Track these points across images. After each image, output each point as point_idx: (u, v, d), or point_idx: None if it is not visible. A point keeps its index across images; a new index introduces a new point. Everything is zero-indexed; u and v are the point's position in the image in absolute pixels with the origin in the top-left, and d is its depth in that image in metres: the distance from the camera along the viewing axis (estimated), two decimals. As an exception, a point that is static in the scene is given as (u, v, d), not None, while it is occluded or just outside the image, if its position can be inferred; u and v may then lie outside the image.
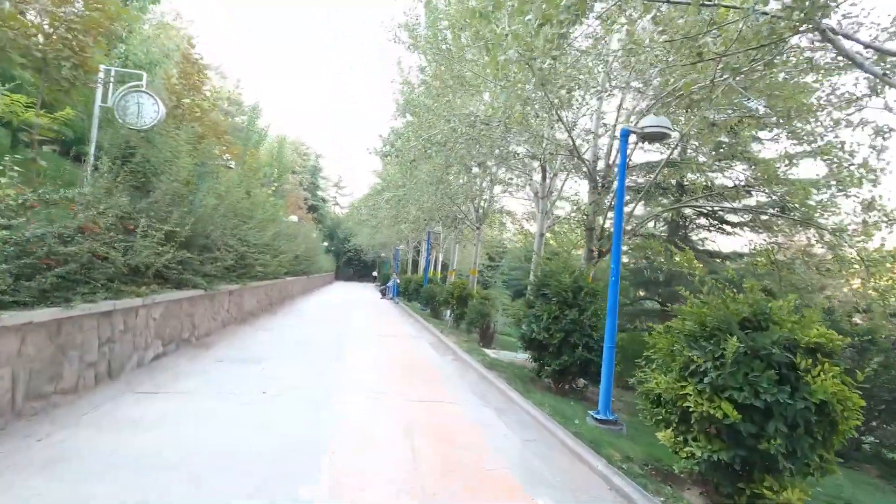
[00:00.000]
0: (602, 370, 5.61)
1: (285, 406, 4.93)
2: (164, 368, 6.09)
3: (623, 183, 5.68)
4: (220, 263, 8.57)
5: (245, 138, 25.97)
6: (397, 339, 10.96)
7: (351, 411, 4.99)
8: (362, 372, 6.99)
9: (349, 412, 4.95)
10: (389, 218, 16.91)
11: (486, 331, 11.93)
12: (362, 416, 4.88)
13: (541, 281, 7.38)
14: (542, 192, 10.63)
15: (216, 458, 3.52)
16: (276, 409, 4.82)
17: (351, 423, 4.65)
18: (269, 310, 14.13)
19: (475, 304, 11.99)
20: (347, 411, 4.98)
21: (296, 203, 35.83)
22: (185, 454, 3.52)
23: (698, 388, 3.68)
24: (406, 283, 26.78)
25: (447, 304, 15.35)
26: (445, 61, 9.58)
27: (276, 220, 17.19)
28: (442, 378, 7.17)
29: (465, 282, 15.65)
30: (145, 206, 6.27)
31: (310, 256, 24.30)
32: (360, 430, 4.45)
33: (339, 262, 57.54)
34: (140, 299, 5.78)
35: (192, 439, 3.83)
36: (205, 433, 3.99)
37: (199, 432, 4.00)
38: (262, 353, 7.61)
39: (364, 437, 4.31)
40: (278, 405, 4.94)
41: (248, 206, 11.51)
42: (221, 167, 11.70)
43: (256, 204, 12.06)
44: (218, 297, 9.29)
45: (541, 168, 10.41)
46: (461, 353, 9.30)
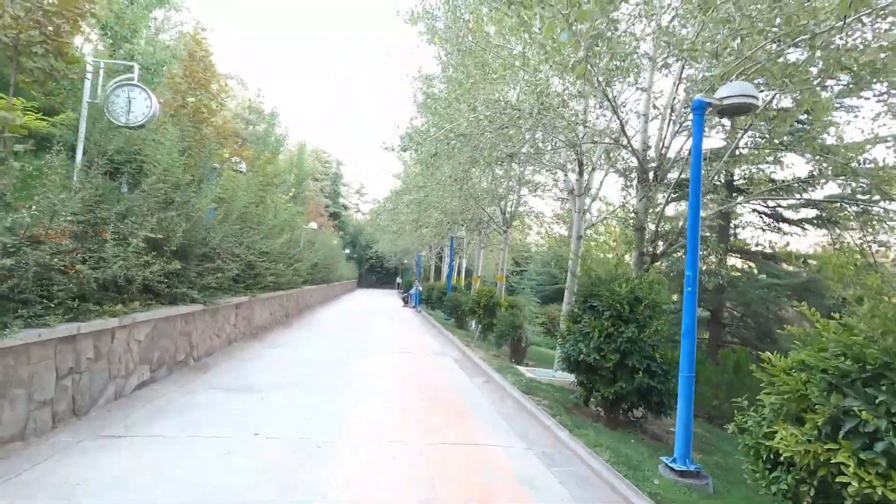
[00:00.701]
0: (678, 406, 4.41)
1: (276, 458, 3.91)
2: (147, 400, 5.18)
3: (699, 166, 4.49)
4: (223, 274, 7.71)
5: (263, 144, 25.56)
6: (419, 356, 9.90)
7: (359, 464, 3.94)
8: (377, 403, 5.94)
9: (356, 466, 3.90)
10: (410, 222, 15.95)
11: (518, 344, 10.76)
12: (373, 472, 3.81)
13: (588, 290, 6.20)
14: (579, 188, 9.44)
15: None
16: (263, 462, 3.80)
17: (357, 484, 3.59)
18: (283, 322, 13.30)
19: (505, 315, 10.85)
20: (355, 464, 3.93)
21: (316, 210, 35.39)
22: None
23: (861, 458, 2.48)
24: (429, 290, 25.79)
25: (473, 313, 14.24)
26: (468, 50, 8.56)
27: (294, 227, 16.49)
28: (473, 409, 6.06)
29: (491, 289, 14.52)
30: (123, 209, 5.40)
31: (329, 264, 23.58)
32: (369, 497, 3.40)
33: (361, 270, 57.16)
34: (116, 319, 4.89)
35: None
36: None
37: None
38: (264, 378, 6.67)
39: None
40: (268, 455, 3.93)
41: (257, 213, 10.70)
42: (230, 171, 10.95)
43: (268, 209, 11.24)
44: (222, 312, 8.43)
45: (577, 162, 9.23)
46: (493, 373, 8.17)
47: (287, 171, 27.01)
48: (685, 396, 4.36)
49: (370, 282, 60.09)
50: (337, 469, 3.77)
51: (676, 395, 5.65)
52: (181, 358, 6.76)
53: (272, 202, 12.69)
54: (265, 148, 25.89)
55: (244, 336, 9.82)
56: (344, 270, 35.36)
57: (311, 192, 36.11)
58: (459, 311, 16.76)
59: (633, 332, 5.55)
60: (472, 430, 5.16)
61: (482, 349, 11.61)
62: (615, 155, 8.92)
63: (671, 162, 7.42)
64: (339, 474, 3.67)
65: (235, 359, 7.85)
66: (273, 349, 9.06)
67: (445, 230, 17.32)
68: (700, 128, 4.54)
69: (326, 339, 10.97)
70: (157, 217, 5.80)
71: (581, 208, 9.50)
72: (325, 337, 11.36)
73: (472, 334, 14.76)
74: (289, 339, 10.43)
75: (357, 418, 5.17)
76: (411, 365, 8.68)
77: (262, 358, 8.11)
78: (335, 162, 63.64)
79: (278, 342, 9.95)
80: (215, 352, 8.10)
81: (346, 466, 3.83)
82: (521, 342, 10.75)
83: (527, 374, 8.41)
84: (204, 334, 7.61)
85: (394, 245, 34.51)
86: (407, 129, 7.22)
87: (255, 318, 10.64)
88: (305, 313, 16.86)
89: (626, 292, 5.72)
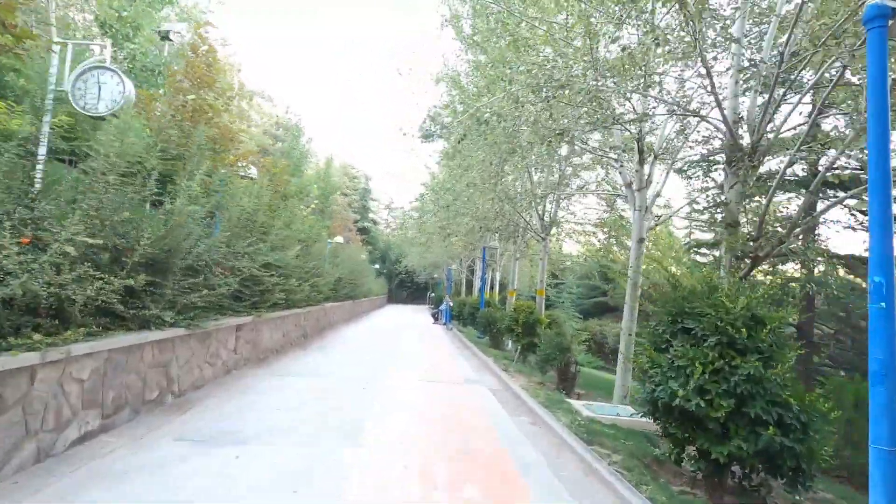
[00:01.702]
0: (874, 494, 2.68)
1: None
2: (82, 461, 3.85)
3: (885, 97, 2.84)
4: (212, 291, 6.44)
5: (288, 156, 24.94)
6: (450, 385, 8.32)
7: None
8: (393, 461, 4.42)
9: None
10: (437, 230, 14.49)
11: (566, 370, 9.01)
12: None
13: (678, 307, 4.51)
14: (639, 181, 7.75)
15: None
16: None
17: None
18: (299, 344, 12.03)
19: (550, 335, 9.15)
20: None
21: (344, 224, 34.64)
22: None
23: None
24: (460, 305, 24.22)
25: (510, 332, 12.58)
26: (500, 24, 7.15)
27: (316, 240, 15.40)
28: (522, 470, 4.44)
29: (530, 304, 12.84)
30: (54, 208, 4.14)
31: (355, 279, 22.44)
32: None
33: (391, 286, 56.27)
34: (36, 354, 3.61)
35: None
36: None
37: None
38: (251, 421, 5.27)
39: None
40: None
41: (265, 221, 9.52)
42: (237, 176, 9.86)
43: (278, 216, 10.05)
44: (216, 336, 7.17)
45: (636, 149, 7.57)
46: (540, 410, 6.51)
47: (312, 183, 26.26)
48: (884, 485, 2.63)
49: (400, 297, 59.12)
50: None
51: (819, 458, 3.93)
52: (153, 396, 5.45)
53: (288, 211, 11.55)
54: (290, 161, 25.27)
55: (248, 362, 8.54)
56: (372, 286, 34.29)
57: (338, 206, 35.42)
58: (494, 328, 15.11)
59: (756, 367, 3.82)
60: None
61: (523, 374, 9.94)
62: (691, 132, 7.22)
63: (772, 137, 5.66)
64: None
65: (229, 392, 6.52)
66: (278, 379, 7.71)
67: (476, 239, 15.78)
68: (881, 46, 2.88)
69: (343, 365, 9.56)
70: (110, 219, 4.56)
71: (642, 205, 7.80)
72: (342, 361, 9.97)
73: (510, 356, 13.07)
74: (300, 365, 9.08)
75: (361, 491, 3.66)
76: (440, 399, 7.12)
77: (261, 392, 6.75)
78: (364, 177, 63.50)
79: (288, 369, 8.60)
80: (207, 384, 6.80)
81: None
82: (570, 368, 9.00)
83: (583, 410, 6.70)
84: (189, 364, 6.33)
85: (422, 258, 33.27)
86: (429, 112, 5.88)
87: (262, 341, 9.37)
88: (327, 332, 15.61)
89: (740, 310, 4.01)
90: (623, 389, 7.95)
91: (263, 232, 9.44)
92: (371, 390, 7.30)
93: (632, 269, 7.92)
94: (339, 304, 18.60)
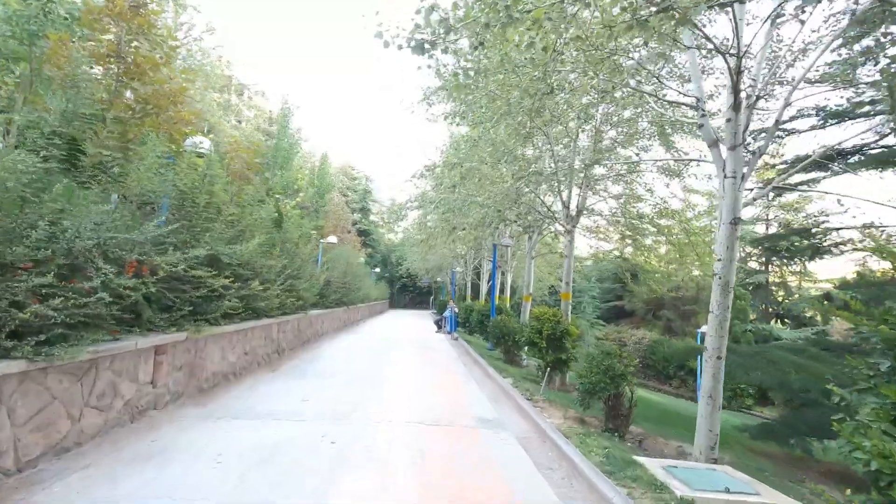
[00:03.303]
0: None
1: None
2: None
3: None
4: (80, 300, 4.07)
5: (275, 147, 22.68)
6: (459, 432, 5.83)
7: None
8: None
9: None
10: (442, 223, 12.04)
11: (618, 403, 6.57)
12: None
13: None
14: (733, 135, 5.34)
15: None
16: None
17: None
18: (269, 363, 9.64)
19: (596, 357, 6.70)
20: None
21: (340, 225, 32.25)
22: None
23: None
24: (466, 311, 21.79)
25: (532, 345, 10.15)
26: None
27: (299, 237, 13.04)
28: None
29: (556, 312, 10.41)
30: None
31: (349, 283, 20.05)
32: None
33: (392, 290, 54.07)
34: None
35: None
36: None
37: None
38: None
39: None
40: None
41: (210, 202, 7.16)
42: (173, 145, 7.53)
43: (224, 198, 7.69)
44: (112, 366, 4.79)
45: (730, 86, 5.17)
46: (605, 486, 4.08)
47: (300, 178, 23.90)
48: None
49: (402, 302, 56.93)
50: None
51: None
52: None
53: (252, 197, 9.18)
54: (277, 153, 23.00)
55: (179, 398, 6.15)
56: (372, 291, 31.89)
57: (334, 205, 33.03)
58: (509, 340, 12.68)
59: None
60: None
61: (555, 406, 7.53)
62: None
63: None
64: None
65: (113, 460, 4.13)
66: (210, 429, 5.31)
67: (487, 234, 13.35)
68: None
69: (316, 395, 7.16)
70: None
71: (737, 169, 5.38)
72: (315, 389, 7.56)
73: (532, 375, 10.64)
74: (255, 399, 6.68)
75: None
76: (444, 467, 4.69)
77: (170, 458, 4.34)
78: (364, 178, 61.25)
79: (234, 408, 6.20)
80: (86, 442, 4.41)
81: None
82: (624, 401, 6.57)
83: (671, 483, 4.25)
84: (41, 417, 3.94)
85: (424, 261, 30.93)
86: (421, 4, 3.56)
87: (206, 365, 6.98)
88: (311, 345, 13.20)
89: None
90: (710, 438, 5.51)
91: (209, 218, 7.09)
92: (344, 444, 4.89)
93: (721, 262, 5.49)
94: (327, 311, 16.20)
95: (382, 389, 7.80)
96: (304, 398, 6.85)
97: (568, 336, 9.95)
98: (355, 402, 6.81)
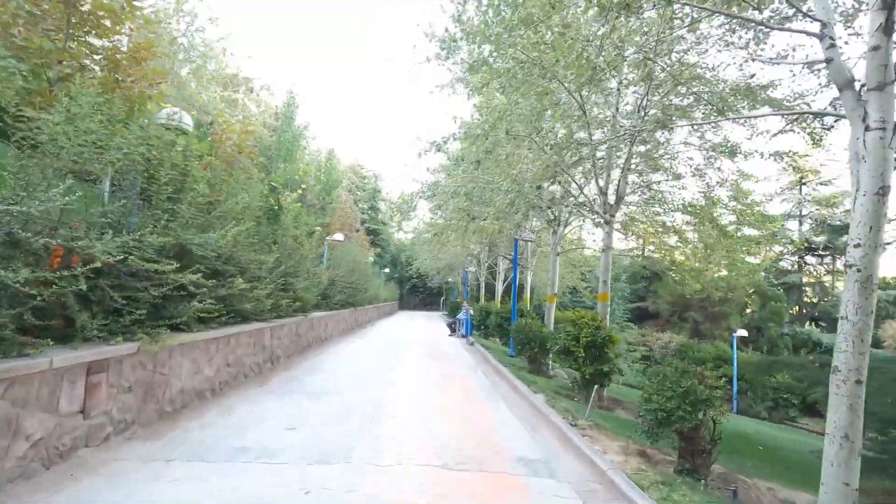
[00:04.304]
0: None
1: None
2: None
3: None
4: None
5: (279, 139, 21.39)
6: (496, 489, 4.20)
7: None
8: None
9: None
10: (458, 214, 10.52)
11: (697, 437, 5.02)
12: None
13: None
14: (886, 70, 3.78)
15: None
16: None
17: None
18: (259, 375, 8.23)
19: (670, 376, 5.15)
20: None
21: (347, 223, 30.88)
22: None
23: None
24: (481, 313, 20.27)
25: (567, 354, 8.61)
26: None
27: (301, 231, 11.68)
28: None
29: (594, 315, 8.87)
30: None
31: (355, 282, 18.66)
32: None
33: (402, 291, 52.84)
34: None
35: None
36: None
37: None
38: None
39: None
40: None
41: (172, 179, 5.75)
42: (136, 110, 6.17)
43: (199, 179, 6.28)
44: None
45: (879, 2, 3.62)
46: None
47: (304, 172, 22.53)
48: None
49: (413, 303, 55.69)
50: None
51: None
52: None
53: (237, 179, 7.79)
54: (281, 145, 21.70)
55: (124, 429, 4.73)
56: (381, 291, 30.53)
57: (342, 203, 31.66)
58: (536, 347, 11.14)
59: None
60: None
61: (605, 432, 6.02)
62: None
63: None
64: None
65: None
66: (149, 480, 3.89)
67: (512, 225, 11.80)
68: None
69: (308, 422, 5.72)
70: None
71: (888, 118, 3.81)
72: (307, 415, 6.11)
73: (565, 388, 9.10)
74: (221, 433, 5.22)
75: None
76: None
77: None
78: (374, 176, 59.97)
79: (186, 446, 4.76)
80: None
81: None
82: (705, 433, 5.01)
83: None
84: None
85: (436, 260, 29.50)
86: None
87: (169, 383, 5.57)
88: (311, 352, 11.80)
89: None
90: (847, 496, 3.93)
91: (171, 198, 5.68)
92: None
93: (860, 249, 3.92)
94: (332, 313, 14.80)
95: (390, 412, 6.32)
96: (290, 426, 5.40)
97: (611, 344, 8.42)
98: (355, 431, 5.35)
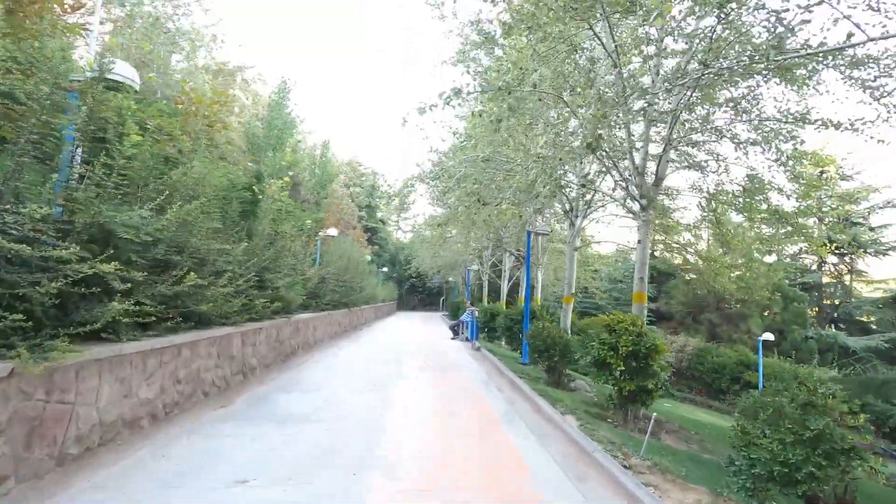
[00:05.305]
0: None
1: None
2: None
3: None
4: None
5: (268, 127, 19.80)
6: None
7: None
8: None
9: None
10: (467, 199, 8.90)
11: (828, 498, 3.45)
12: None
13: None
14: None
15: None
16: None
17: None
18: (219, 394, 6.62)
19: (793, 413, 3.56)
20: None
21: (341, 219, 29.29)
22: None
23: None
24: (486, 314, 18.70)
25: (603, 366, 7.04)
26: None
27: (286, 222, 10.14)
28: None
29: (635, 319, 7.30)
30: None
31: (350, 280, 17.10)
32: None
33: (401, 291, 51.37)
34: None
35: None
36: None
37: None
38: None
39: None
40: None
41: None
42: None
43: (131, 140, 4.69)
44: None
45: None
46: None
47: (295, 162, 20.94)
48: None
49: (411, 304, 54.19)
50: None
51: None
52: None
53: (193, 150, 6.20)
54: (270, 134, 20.09)
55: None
56: (378, 291, 28.97)
57: (337, 198, 30.04)
58: (557, 355, 9.55)
59: None
60: None
61: (671, 478, 4.45)
62: None
63: None
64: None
65: None
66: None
67: (531, 211, 10.22)
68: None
69: (257, 483, 4.14)
70: None
71: None
72: (263, 465, 4.54)
73: (594, 406, 7.51)
74: (136, 496, 3.65)
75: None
76: None
77: None
78: (372, 174, 58.36)
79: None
80: None
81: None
82: (846, 495, 3.44)
83: None
84: None
85: (436, 257, 27.95)
86: None
87: (75, 415, 3.96)
88: (294, 360, 10.20)
89: None
90: None
91: (85, 161, 4.09)
92: None
93: None
94: (322, 314, 13.21)
95: (385, 454, 4.72)
96: (242, 476, 3.81)
97: (656, 354, 6.87)
98: (332, 486, 3.76)
